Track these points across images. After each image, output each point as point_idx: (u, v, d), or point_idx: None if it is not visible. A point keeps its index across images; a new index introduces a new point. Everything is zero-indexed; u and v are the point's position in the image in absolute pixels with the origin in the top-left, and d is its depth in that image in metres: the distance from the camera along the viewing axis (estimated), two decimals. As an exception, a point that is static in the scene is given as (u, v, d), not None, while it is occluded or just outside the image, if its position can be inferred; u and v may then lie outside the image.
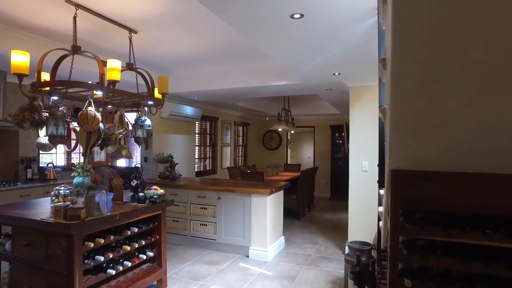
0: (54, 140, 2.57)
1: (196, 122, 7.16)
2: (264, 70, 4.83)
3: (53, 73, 2.67)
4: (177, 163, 5.62)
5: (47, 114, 2.64)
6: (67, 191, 2.95)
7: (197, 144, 7.38)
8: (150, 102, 3.20)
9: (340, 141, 9.31)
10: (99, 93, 2.61)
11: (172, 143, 6.19)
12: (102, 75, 2.56)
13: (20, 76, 2.34)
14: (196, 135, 7.29)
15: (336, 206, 8.05)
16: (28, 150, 5.00)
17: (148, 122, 3.26)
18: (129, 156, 3.36)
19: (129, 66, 3.26)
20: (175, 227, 4.83)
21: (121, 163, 6.42)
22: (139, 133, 3.35)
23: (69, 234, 2.33)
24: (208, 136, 7.98)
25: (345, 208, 7.90)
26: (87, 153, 2.64)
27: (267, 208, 4.27)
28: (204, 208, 4.64)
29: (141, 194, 3.08)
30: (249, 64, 4.83)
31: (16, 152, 4.77)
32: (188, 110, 6.31)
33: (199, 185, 4.74)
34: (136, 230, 2.94)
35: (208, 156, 8.01)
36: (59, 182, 4.90)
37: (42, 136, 2.87)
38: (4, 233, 2.88)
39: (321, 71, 3.94)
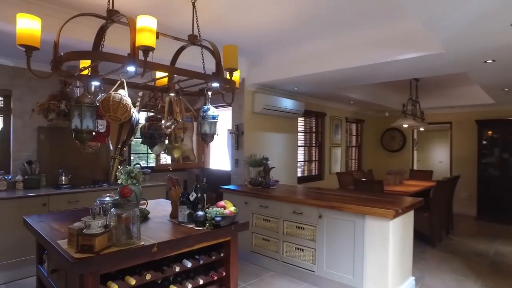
0: (80, 136, 1.90)
1: (299, 118, 6.11)
2: (386, 40, 3.44)
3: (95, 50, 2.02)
4: (273, 167, 4.68)
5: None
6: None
7: (300, 144, 6.33)
8: (215, 84, 2.30)
9: (485, 142, 6.90)
10: (131, 69, 1.81)
11: (268, 142, 5.29)
12: (134, 44, 1.76)
13: (28, 49, 1.71)
14: (299, 134, 6.24)
15: (489, 230, 5.84)
16: (121, 150, 4.83)
17: (212, 112, 2.37)
18: (192, 159, 2.54)
19: (191, 39, 2.44)
20: (265, 248, 3.88)
21: (215, 165, 5.87)
22: (206, 128, 2.50)
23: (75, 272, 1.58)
24: (313, 135, 6.85)
25: (507, 235, 5.66)
26: (117, 153, 1.89)
27: (390, 237, 2.90)
28: (301, 228, 3.55)
29: (200, 213, 2.20)
30: (364, 34, 3.51)
31: (109, 152, 4.62)
32: (287, 103, 5.31)
33: (295, 197, 3.67)
34: (189, 264, 2.07)
35: (313, 159, 6.87)
36: (147, 184, 4.55)
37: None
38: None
39: (483, 23, 2.38)
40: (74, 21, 1.94)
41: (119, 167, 2.18)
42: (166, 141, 2.36)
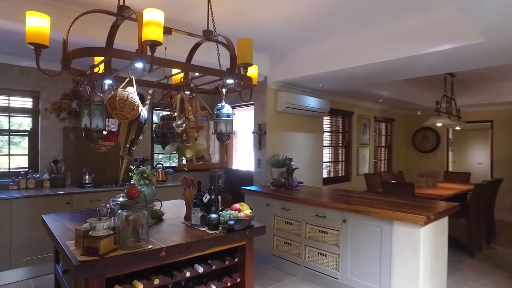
0: (90, 135, 1.85)
1: (324, 117, 5.89)
2: (419, 31, 3.18)
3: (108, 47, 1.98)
4: (296, 168, 4.52)
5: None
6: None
7: (325, 144, 6.11)
8: (229, 81, 2.19)
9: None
10: (139, 65, 1.74)
11: (292, 142, 5.13)
12: (142, 39, 1.68)
13: (38, 47, 1.68)
14: (325, 134, 6.02)
15: (537, 239, 5.32)
16: (144, 149, 4.86)
17: (227, 110, 2.26)
18: (207, 159, 2.45)
19: (206, 35, 2.34)
20: (287, 252, 3.73)
21: (239, 165, 5.78)
22: (222, 127, 2.40)
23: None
24: (340, 134, 6.60)
25: None
26: (125, 152, 1.82)
27: (420, 245, 2.66)
28: (324, 232, 3.37)
29: (213, 215, 2.10)
30: (394, 25, 3.27)
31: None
32: (312, 101, 5.12)
33: (318, 199, 3.49)
34: (200, 270, 1.97)
35: (340, 160, 6.62)
36: (168, 185, 4.54)
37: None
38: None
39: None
40: (85, 19, 1.91)
41: (131, 167, 2.13)
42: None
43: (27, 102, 4.05)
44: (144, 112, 1.84)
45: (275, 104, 4.78)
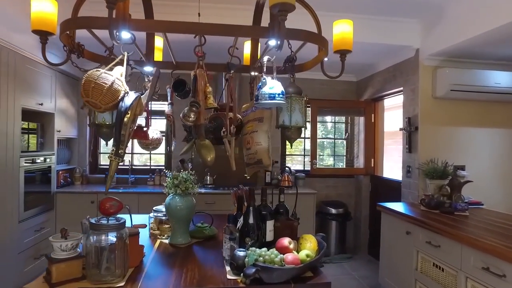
0: (99, 131, 1.52)
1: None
2: None
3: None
4: (469, 181, 2.99)
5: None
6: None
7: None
8: (272, 42, 1.39)
9: None
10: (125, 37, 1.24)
11: (462, 142, 3.46)
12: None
13: (43, 35, 1.46)
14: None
15: None
16: (273, 150, 4.45)
17: (270, 88, 1.45)
18: (266, 164, 1.71)
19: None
20: (435, 309, 2.42)
21: (390, 172, 4.51)
22: (285, 118, 1.65)
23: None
24: None
25: None
26: (114, 152, 1.32)
27: None
28: (499, 297, 1.93)
29: (239, 252, 1.36)
30: None
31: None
32: (501, 77, 3.29)
33: (488, 240, 2.05)
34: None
35: None
36: (293, 191, 3.94)
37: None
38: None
39: None
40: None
41: (165, 171, 1.68)
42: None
43: (165, 106, 4.38)
44: (129, 98, 1.32)
45: (432, 87, 3.35)
